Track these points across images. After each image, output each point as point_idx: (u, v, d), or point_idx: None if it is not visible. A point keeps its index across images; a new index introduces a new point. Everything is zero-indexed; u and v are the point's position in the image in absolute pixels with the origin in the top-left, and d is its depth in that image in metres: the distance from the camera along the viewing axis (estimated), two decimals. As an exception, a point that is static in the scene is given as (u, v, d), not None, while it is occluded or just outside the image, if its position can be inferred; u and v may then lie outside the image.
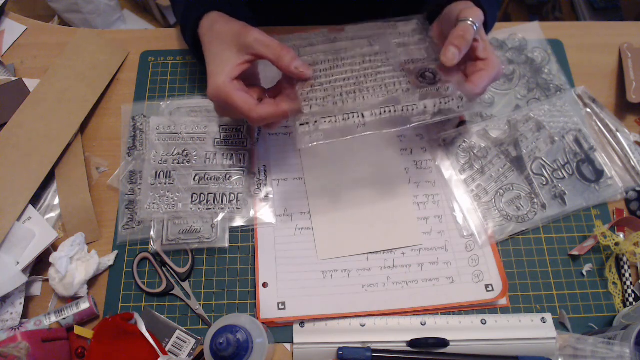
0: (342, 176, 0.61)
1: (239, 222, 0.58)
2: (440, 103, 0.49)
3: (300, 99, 0.49)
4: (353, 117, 0.48)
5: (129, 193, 0.60)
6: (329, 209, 0.59)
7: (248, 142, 0.62)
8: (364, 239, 0.58)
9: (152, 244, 0.57)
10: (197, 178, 0.60)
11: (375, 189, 0.60)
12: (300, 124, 0.48)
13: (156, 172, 0.60)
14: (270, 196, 0.60)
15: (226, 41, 0.52)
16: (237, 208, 0.58)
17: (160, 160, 0.60)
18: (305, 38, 0.56)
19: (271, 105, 0.51)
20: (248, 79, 0.53)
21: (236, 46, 0.51)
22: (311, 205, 0.59)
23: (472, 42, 0.50)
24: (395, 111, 0.49)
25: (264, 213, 0.59)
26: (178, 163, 0.60)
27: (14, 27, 0.73)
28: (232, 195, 0.59)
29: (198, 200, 0.58)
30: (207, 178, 0.60)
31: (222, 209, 0.58)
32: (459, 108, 0.50)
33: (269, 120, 0.51)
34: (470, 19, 0.50)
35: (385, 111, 0.49)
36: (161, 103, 0.65)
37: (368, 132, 0.49)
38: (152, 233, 0.57)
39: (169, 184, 0.59)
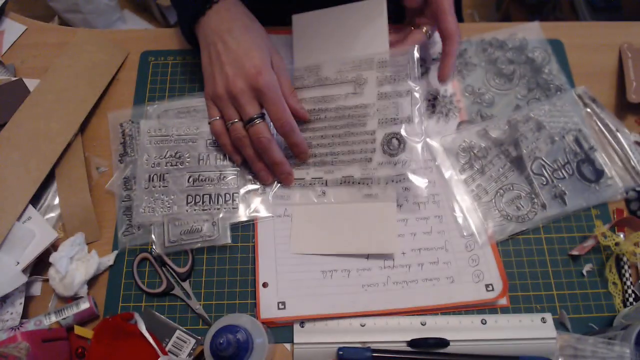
0: (330, 175, 0.60)
1: (238, 219, 0.58)
2: (393, 181, 0.56)
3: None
4: (316, 187, 0.59)
5: (125, 199, 0.60)
6: (310, 202, 0.59)
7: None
8: (338, 240, 0.57)
9: (153, 247, 0.57)
10: (191, 179, 0.60)
11: (361, 190, 0.58)
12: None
13: (149, 176, 0.59)
14: (268, 189, 0.60)
15: (262, 35, 0.56)
16: (233, 207, 0.58)
17: (153, 164, 0.60)
18: (298, 77, 0.62)
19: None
20: None
21: (267, 46, 0.56)
22: (292, 199, 0.59)
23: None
24: (352, 188, 0.58)
25: (262, 208, 0.59)
26: (171, 165, 0.60)
27: (14, 27, 0.73)
28: (228, 195, 0.59)
29: (193, 202, 0.58)
30: (202, 179, 0.60)
31: (218, 209, 0.58)
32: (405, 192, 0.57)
33: (300, 142, 0.57)
34: (425, 28, 0.61)
35: (344, 184, 0.58)
36: (147, 107, 0.65)
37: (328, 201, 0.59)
38: (152, 237, 0.57)
39: (163, 186, 0.59)
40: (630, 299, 0.55)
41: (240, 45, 0.54)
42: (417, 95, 0.57)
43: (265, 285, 0.56)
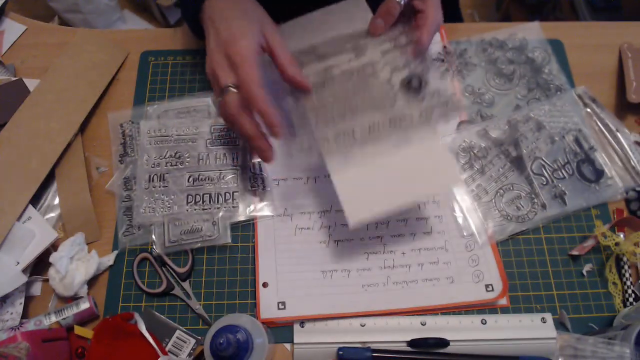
0: (354, 126, 0.55)
1: (238, 218, 0.58)
2: (426, 111, 0.52)
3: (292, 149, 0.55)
4: (345, 136, 0.53)
5: (125, 200, 0.60)
6: (348, 166, 0.53)
7: (240, 140, 0.62)
8: (395, 193, 0.52)
9: (154, 247, 0.57)
10: (191, 179, 0.60)
11: (394, 131, 0.54)
12: (298, 150, 0.54)
13: (150, 176, 0.59)
14: (268, 189, 0.60)
15: (254, 19, 0.53)
16: (233, 207, 0.58)
17: (153, 164, 0.60)
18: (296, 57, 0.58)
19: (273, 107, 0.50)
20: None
21: (259, 27, 0.52)
22: (328, 165, 0.53)
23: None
24: (384, 128, 0.53)
25: (262, 207, 0.59)
26: (171, 165, 0.60)
27: (14, 27, 0.73)
28: (228, 194, 0.59)
29: (194, 201, 0.58)
30: (202, 179, 0.60)
31: (218, 208, 0.58)
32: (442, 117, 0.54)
33: (264, 111, 0.49)
34: None
35: (374, 129, 0.53)
36: (147, 107, 0.65)
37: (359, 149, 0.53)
38: (153, 237, 0.57)
39: (163, 186, 0.59)
40: (630, 299, 0.55)
41: (223, 19, 0.52)
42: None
43: (265, 285, 0.56)
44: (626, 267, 0.57)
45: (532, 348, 0.52)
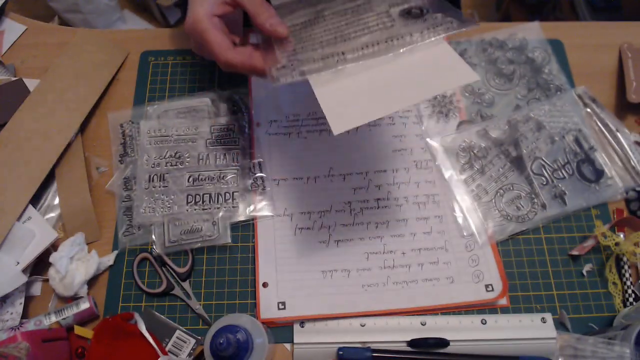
0: (345, 50, 0.48)
1: (238, 218, 0.58)
2: (428, 29, 0.47)
3: (278, 57, 0.48)
4: (333, 57, 0.47)
5: (125, 200, 0.60)
6: (332, 78, 0.47)
7: (240, 141, 0.62)
8: (389, 95, 0.46)
9: (154, 247, 0.57)
10: (191, 179, 0.60)
11: (392, 48, 0.48)
12: (277, 69, 0.47)
13: (150, 176, 0.59)
14: (268, 189, 0.60)
15: None
16: (233, 207, 0.58)
17: (153, 164, 0.60)
18: (287, 6, 0.54)
19: (244, 55, 0.49)
20: (230, 25, 0.53)
21: None
22: (311, 80, 0.47)
23: None
24: (379, 45, 0.47)
25: (262, 207, 0.59)
26: (171, 165, 0.60)
27: (14, 27, 0.73)
28: (228, 194, 0.59)
29: (194, 202, 0.58)
30: (202, 179, 0.60)
31: (218, 208, 0.58)
32: (449, 30, 0.48)
33: (238, 69, 0.50)
34: None
35: (368, 47, 0.47)
36: (148, 107, 0.65)
37: (351, 64, 0.47)
38: (153, 237, 0.57)
39: (163, 187, 0.59)
40: (630, 299, 0.55)
41: None
42: None
43: (265, 285, 0.56)
44: (626, 267, 0.57)
45: (532, 348, 0.52)
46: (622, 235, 0.58)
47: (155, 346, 0.51)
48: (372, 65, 0.47)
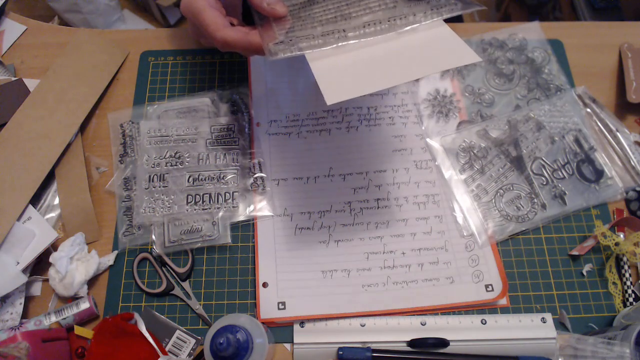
0: (346, 27, 0.48)
1: (238, 218, 0.58)
2: (432, 10, 0.47)
3: (276, 35, 0.47)
4: (333, 34, 0.46)
5: (125, 200, 0.60)
6: (330, 53, 0.47)
7: (240, 141, 0.62)
8: (383, 71, 0.45)
9: (154, 247, 0.57)
10: (191, 179, 0.60)
11: (393, 27, 0.48)
12: (275, 44, 0.46)
13: (150, 176, 0.59)
14: (268, 189, 0.60)
15: None
16: (233, 207, 0.58)
17: (153, 164, 0.60)
18: None
19: (240, 32, 0.48)
20: (228, 8, 0.52)
21: None
22: (308, 55, 0.46)
23: None
24: (381, 24, 0.46)
25: (262, 207, 0.59)
26: (171, 165, 0.60)
27: (14, 27, 0.73)
28: (227, 194, 0.59)
29: (193, 202, 0.58)
30: (201, 179, 0.60)
31: (218, 208, 0.58)
32: (453, 11, 0.48)
33: (235, 47, 0.49)
34: None
35: (369, 25, 0.46)
36: (148, 107, 0.65)
37: (353, 41, 0.46)
38: (153, 237, 0.57)
39: (163, 187, 0.59)
40: (630, 299, 0.55)
41: None
42: None
43: (265, 285, 0.56)
44: (626, 267, 0.57)
45: (532, 348, 0.52)
46: (622, 235, 0.58)
47: (155, 346, 0.51)
48: (372, 43, 0.47)
